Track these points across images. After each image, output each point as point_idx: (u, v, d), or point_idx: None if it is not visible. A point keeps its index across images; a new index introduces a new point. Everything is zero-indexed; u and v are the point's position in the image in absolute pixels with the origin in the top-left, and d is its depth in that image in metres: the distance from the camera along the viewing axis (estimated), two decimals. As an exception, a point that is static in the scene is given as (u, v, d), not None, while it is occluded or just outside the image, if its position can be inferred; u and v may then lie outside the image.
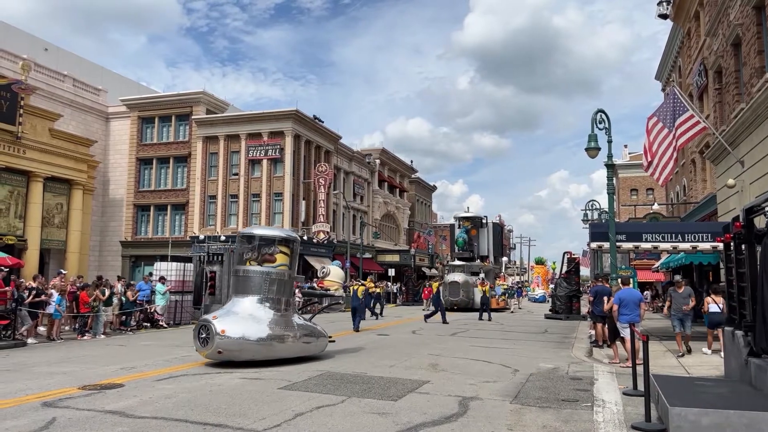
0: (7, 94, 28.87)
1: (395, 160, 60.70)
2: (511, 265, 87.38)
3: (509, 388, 8.93)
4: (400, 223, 61.96)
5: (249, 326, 10.93)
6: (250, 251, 11.80)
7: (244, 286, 11.64)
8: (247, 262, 11.76)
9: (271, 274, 11.58)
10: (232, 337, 10.64)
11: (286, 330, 11.37)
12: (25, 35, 42.12)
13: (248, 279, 11.62)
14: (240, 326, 10.85)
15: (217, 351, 10.70)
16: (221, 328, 10.66)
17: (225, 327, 10.70)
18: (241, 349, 10.75)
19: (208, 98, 42.18)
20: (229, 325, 10.76)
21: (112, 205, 42.71)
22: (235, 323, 10.87)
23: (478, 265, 36.89)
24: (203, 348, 10.88)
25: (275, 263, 11.73)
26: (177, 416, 6.84)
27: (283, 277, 11.79)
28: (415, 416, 6.97)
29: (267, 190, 39.99)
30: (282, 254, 11.87)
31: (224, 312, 11.40)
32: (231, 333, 10.66)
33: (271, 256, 11.72)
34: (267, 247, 11.74)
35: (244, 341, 10.73)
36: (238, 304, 11.45)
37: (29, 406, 7.36)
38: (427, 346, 14.88)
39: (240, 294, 11.62)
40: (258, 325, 11.02)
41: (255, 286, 11.52)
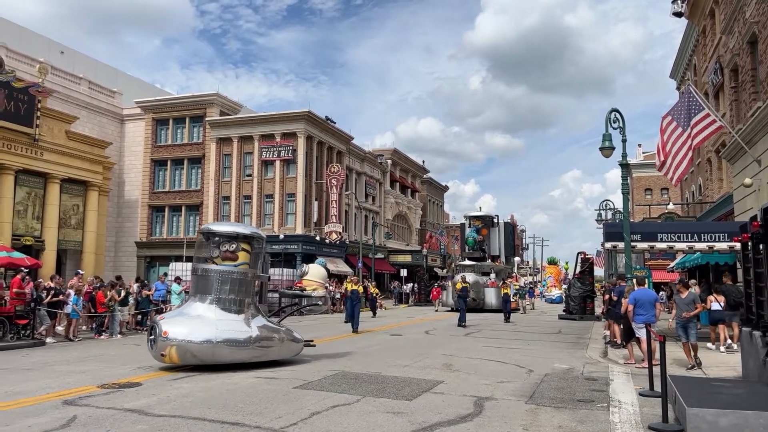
0: (24, 97, 29.27)
1: (407, 160, 60.70)
2: (524, 266, 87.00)
3: (524, 389, 8.92)
4: (412, 223, 61.94)
5: (195, 328, 10.08)
6: (211, 249, 11.06)
7: (200, 285, 10.90)
8: (210, 260, 11.00)
9: (227, 273, 10.76)
10: (175, 339, 9.89)
11: (239, 333, 10.38)
12: (42, 38, 42.69)
13: (204, 278, 10.84)
14: (185, 327, 10.05)
15: (160, 354, 10.09)
16: (165, 330, 9.95)
17: (168, 328, 9.97)
18: (185, 353, 9.98)
19: (221, 100, 42.49)
20: (174, 327, 10.04)
21: (127, 206, 43.15)
22: (180, 325, 10.13)
23: (489, 265, 36.63)
24: (151, 350, 10.33)
25: (237, 261, 10.94)
26: (194, 415, 6.92)
27: (242, 276, 10.91)
28: (430, 416, 6.99)
29: (280, 191, 40.19)
30: (244, 252, 11.04)
31: (175, 313, 10.87)
32: (174, 335, 9.92)
33: (233, 253, 10.93)
34: (228, 244, 10.92)
35: (188, 344, 9.91)
36: (191, 305, 10.82)
37: (50, 404, 7.48)
38: (441, 346, 14.88)
39: (197, 294, 10.92)
40: (206, 327, 10.14)
41: (209, 286, 10.70)
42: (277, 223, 39.95)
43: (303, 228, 39.64)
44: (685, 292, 11.46)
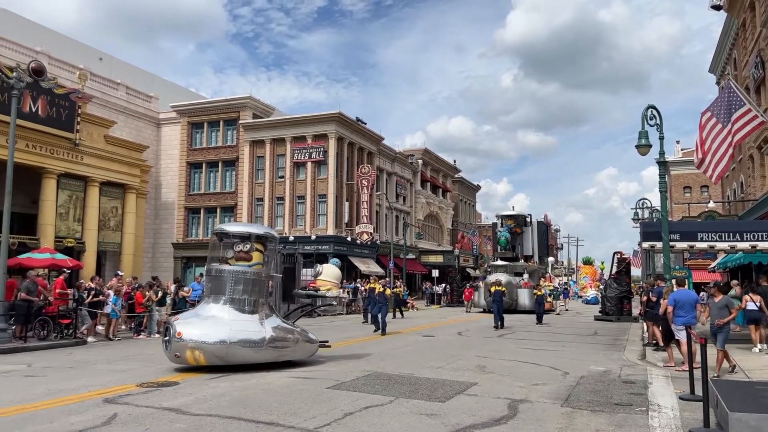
0: (65, 103, 30.16)
1: (438, 159, 60.48)
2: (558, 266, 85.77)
3: (559, 391, 8.79)
4: (443, 223, 61.69)
5: (209, 329, 10.08)
6: (224, 250, 11.12)
7: (214, 286, 10.93)
8: (224, 261, 11.06)
9: (241, 273, 10.76)
10: (188, 340, 9.92)
11: (254, 334, 10.35)
12: (81, 46, 43.96)
13: (218, 279, 10.88)
14: (199, 328, 10.07)
15: (174, 354, 10.14)
16: (178, 330, 9.99)
17: (183, 329, 10.01)
18: (198, 353, 9.98)
19: (254, 103, 43.07)
20: (188, 328, 10.07)
21: (164, 208, 44.09)
22: (194, 325, 10.16)
23: (521, 265, 36.12)
24: (166, 351, 10.38)
25: (251, 261, 10.95)
26: (230, 414, 7.03)
27: (256, 276, 10.92)
28: (464, 418, 6.95)
29: (311, 192, 40.51)
30: (258, 252, 11.08)
31: (189, 314, 10.88)
32: (188, 335, 9.95)
33: (247, 254, 10.92)
34: (242, 244, 10.95)
35: (202, 344, 9.92)
36: (205, 306, 10.83)
37: (92, 402, 7.69)
38: (474, 347, 14.78)
39: (211, 295, 10.93)
40: (219, 327, 10.13)
41: (223, 287, 10.73)
42: (309, 223, 40.28)
43: (334, 229, 39.88)
44: (719, 296, 11.14)
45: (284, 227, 40.71)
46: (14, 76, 15.90)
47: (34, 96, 28.24)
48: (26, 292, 15.05)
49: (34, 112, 28.48)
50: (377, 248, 44.73)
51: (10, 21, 37.38)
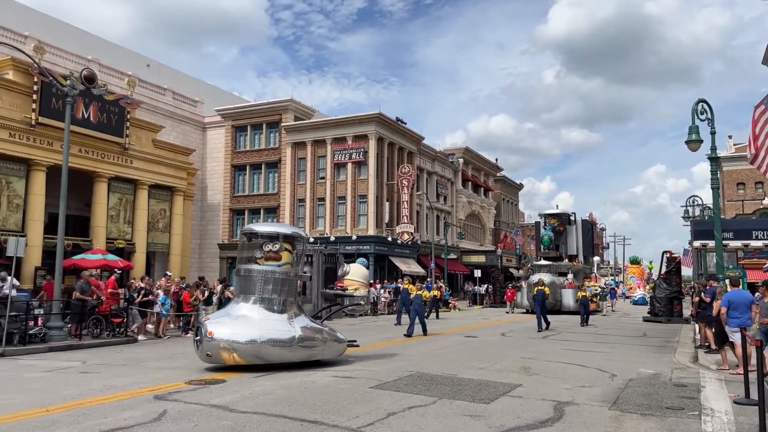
0: (115, 109, 31.22)
1: (479, 158, 59.96)
2: (605, 265, 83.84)
3: (607, 394, 8.58)
4: (485, 222, 61.12)
5: (240, 328, 10.18)
6: (253, 250, 11.23)
7: (244, 286, 11.02)
8: (254, 261, 11.16)
9: (270, 273, 10.80)
10: (219, 340, 10.02)
11: (283, 333, 10.42)
12: (130, 53, 45.41)
13: (248, 279, 10.96)
14: (230, 328, 10.19)
15: (205, 354, 10.23)
16: (209, 330, 10.10)
17: (214, 329, 10.11)
18: (229, 353, 10.07)
19: (295, 105, 43.63)
20: (218, 327, 10.17)
21: (210, 210, 45.13)
22: (225, 325, 10.27)
23: (566, 265, 35.36)
24: (197, 350, 10.47)
25: (280, 261, 11.00)
26: (275, 412, 7.13)
27: (284, 276, 10.97)
28: (508, 420, 6.86)
29: (352, 192, 40.75)
30: (287, 252, 11.16)
31: (220, 314, 10.99)
32: (219, 335, 10.05)
33: (276, 253, 10.98)
34: (271, 244, 11.02)
35: (233, 344, 10.02)
36: (235, 306, 10.94)
37: (143, 399, 7.93)
38: (518, 348, 14.59)
39: (240, 295, 11.06)
40: (250, 327, 10.22)
41: (253, 286, 10.80)
42: (350, 224, 40.54)
43: (375, 229, 40.01)
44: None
45: (325, 228, 41.10)
46: (68, 84, 16.55)
47: (86, 103, 29.33)
48: (80, 292, 15.65)
49: (86, 119, 29.58)
50: (418, 248, 44.66)
51: (63, 31, 38.93)
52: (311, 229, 41.27)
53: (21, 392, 8.41)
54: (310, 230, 41.15)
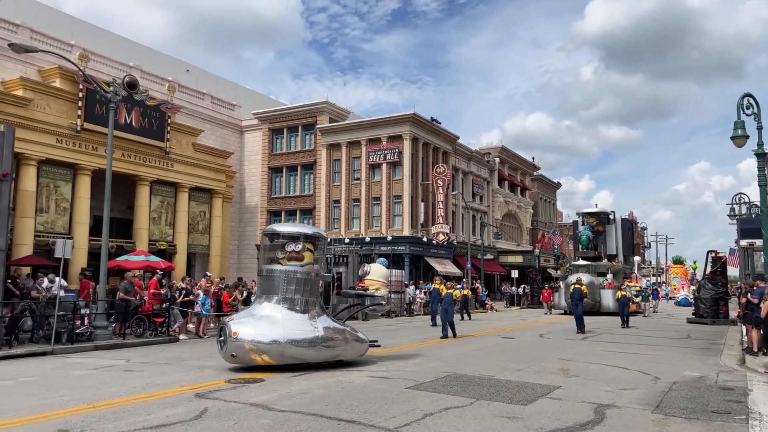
0: (156, 114, 32.05)
1: (515, 157, 59.28)
2: (646, 266, 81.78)
3: (650, 397, 8.38)
4: (522, 222, 60.39)
5: (264, 328, 10.25)
6: (275, 250, 11.23)
7: (266, 286, 11.08)
8: (276, 261, 11.17)
9: (292, 273, 10.87)
10: (244, 340, 10.10)
11: (307, 333, 10.48)
12: (170, 59, 46.52)
13: (270, 279, 11.02)
14: (254, 328, 10.26)
15: (230, 354, 10.31)
16: (234, 330, 10.17)
17: (238, 329, 10.20)
18: (254, 353, 10.14)
19: (330, 107, 43.97)
20: (243, 327, 10.25)
21: (248, 212, 45.87)
22: (249, 325, 10.34)
23: (605, 264, 34.53)
24: (221, 351, 10.56)
25: (303, 261, 11.07)
26: (313, 411, 7.20)
27: (307, 276, 11.02)
28: (547, 422, 6.77)
29: (387, 193, 40.82)
30: (309, 252, 11.19)
31: (243, 314, 11.10)
32: (243, 335, 10.12)
33: (299, 254, 11.03)
34: (293, 244, 11.06)
35: (257, 344, 10.10)
36: (258, 306, 11.04)
37: (185, 397, 8.12)
38: (557, 350, 14.37)
39: (263, 295, 11.13)
40: (274, 327, 10.29)
41: (275, 287, 10.86)
42: (385, 224, 40.61)
43: (410, 229, 39.98)
44: None
45: (360, 228, 41.28)
46: (111, 91, 17.06)
47: (129, 108, 30.18)
48: (124, 292, 16.11)
49: (128, 124, 30.44)
50: (454, 249, 44.44)
51: (107, 39, 40.15)
52: (346, 230, 41.52)
53: (70, 389, 8.71)
54: (345, 231, 41.41)
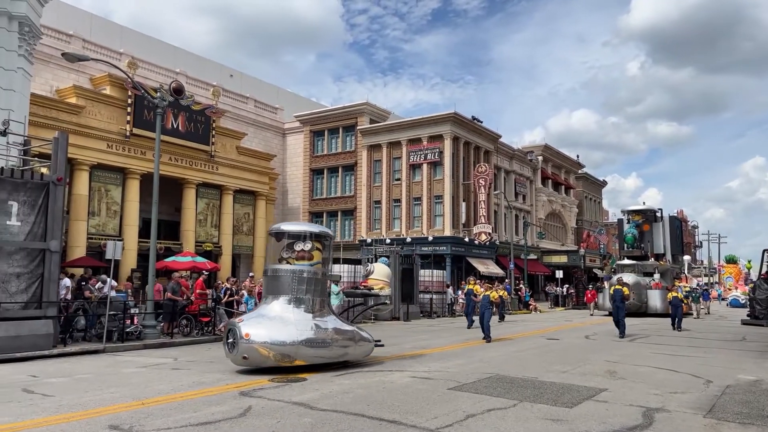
0: (202, 118, 32.86)
1: (559, 155, 58.21)
2: (698, 265, 79.03)
3: (701, 401, 8.08)
4: (566, 222, 59.24)
5: (276, 329, 10.06)
6: (284, 249, 11.10)
7: (273, 286, 10.86)
8: (284, 260, 11.08)
9: (300, 272, 10.70)
10: (256, 341, 9.88)
11: (318, 333, 10.39)
12: (214, 64, 47.59)
13: (277, 278, 10.83)
14: (266, 329, 10.03)
15: (242, 356, 10.04)
16: (245, 332, 9.91)
17: (250, 330, 9.95)
18: (267, 354, 9.94)
19: (370, 108, 44.14)
20: (254, 329, 10.01)
21: (290, 213, 46.49)
22: (260, 326, 10.10)
23: (651, 264, 33.22)
24: (230, 353, 10.26)
25: (312, 261, 10.94)
26: (354, 411, 7.23)
27: (316, 276, 10.90)
28: (592, 425, 6.61)
29: (428, 193, 40.69)
30: (317, 251, 11.09)
31: (252, 315, 10.80)
32: (256, 337, 9.90)
33: (308, 253, 10.90)
34: (302, 243, 10.93)
35: (270, 345, 9.90)
36: (266, 306, 10.75)
37: (229, 395, 8.27)
38: (603, 351, 14.03)
39: (270, 295, 10.88)
40: (286, 327, 10.14)
41: (284, 286, 10.66)
42: (426, 225, 40.49)
43: (451, 229, 39.74)
44: None
45: (401, 229, 41.27)
46: (158, 96, 17.57)
47: (175, 113, 31.02)
48: (171, 293, 16.56)
49: (175, 128, 31.29)
50: (496, 249, 43.95)
51: (153, 46, 41.38)
52: (387, 231, 41.59)
53: (120, 386, 9.00)
54: (386, 232, 41.48)
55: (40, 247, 13.04)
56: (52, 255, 13.22)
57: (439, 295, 28.80)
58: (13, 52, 18.34)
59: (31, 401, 7.84)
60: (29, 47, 19.26)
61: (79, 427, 6.38)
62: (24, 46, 18.83)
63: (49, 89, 29.40)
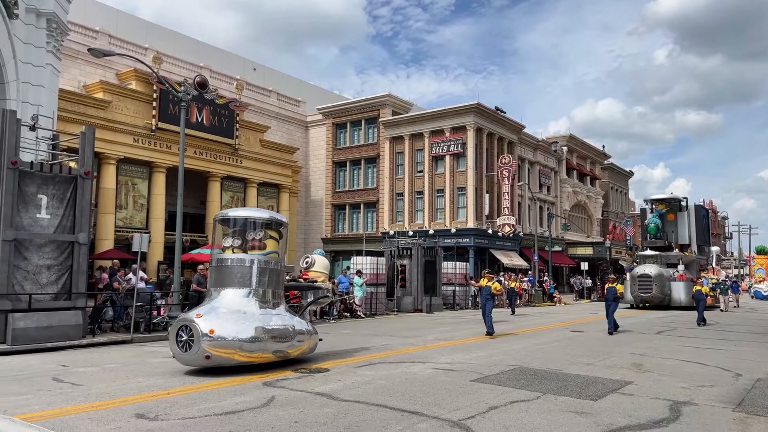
0: (225, 112, 33.15)
1: (584, 146, 57.41)
2: (727, 257, 77.44)
3: (730, 394, 7.92)
4: (592, 213, 58.46)
5: (240, 325, 9.22)
6: (231, 237, 10.10)
7: (229, 277, 9.78)
8: (229, 249, 10.03)
9: (261, 262, 9.81)
10: (223, 338, 8.94)
11: (282, 327, 9.67)
12: (238, 58, 47.94)
13: (234, 269, 9.76)
14: (232, 324, 9.15)
15: (204, 356, 8.92)
16: (209, 328, 8.92)
17: (213, 326, 8.97)
18: (234, 352, 9.07)
19: (393, 100, 44.03)
20: (218, 324, 9.05)
21: (313, 206, 46.76)
22: (225, 321, 9.16)
23: (676, 255, 32.13)
24: (184, 353, 9.07)
25: (265, 250, 10.01)
26: (376, 401, 7.24)
27: (275, 266, 10.07)
28: (618, 418, 6.52)
29: (450, 185, 40.50)
30: (272, 240, 10.17)
31: (208, 309, 9.51)
32: (222, 333, 8.95)
33: (260, 242, 9.98)
34: (254, 231, 10.03)
35: (237, 342, 9.03)
36: (222, 299, 9.62)
37: (253, 385, 8.36)
38: (629, 344, 13.84)
39: (224, 287, 9.77)
40: (250, 322, 9.30)
41: (243, 278, 9.72)
42: (449, 217, 40.33)
43: (474, 221, 39.52)
44: None
45: (424, 221, 41.18)
46: (182, 91, 17.74)
47: (200, 107, 31.36)
48: (197, 284, 16.76)
49: (200, 122, 31.63)
50: (520, 240, 43.59)
51: (177, 40, 41.82)
52: (410, 223, 41.53)
53: (147, 376, 9.16)
54: (409, 224, 41.43)
55: (69, 240, 13.31)
56: (81, 247, 13.48)
57: (462, 287, 28.70)
58: (42, 48, 18.70)
59: (61, 390, 8.02)
60: (57, 43, 19.61)
61: (107, 416, 6.51)
62: (52, 43, 19.18)
63: (76, 84, 29.93)
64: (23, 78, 17.95)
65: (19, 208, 12.70)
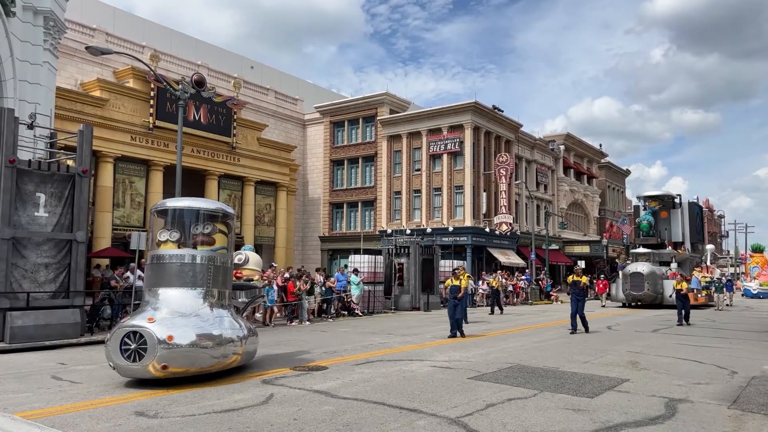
0: (223, 110, 33.12)
1: (581, 144, 57.52)
2: (724, 255, 77.70)
3: (726, 392, 7.98)
4: (589, 211, 58.60)
5: (201, 328, 8.25)
6: (170, 231, 8.92)
7: (178, 276, 8.63)
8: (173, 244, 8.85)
9: (213, 259, 8.83)
10: (182, 345, 7.91)
11: (237, 331, 8.79)
12: (235, 56, 47.90)
13: (185, 266, 8.64)
14: (192, 329, 8.13)
15: (161, 365, 7.81)
16: (167, 334, 7.86)
17: (172, 332, 7.91)
18: (195, 360, 8.08)
19: (390, 99, 44.05)
20: (176, 330, 7.99)
21: (311, 204, 46.78)
22: (180, 326, 8.09)
23: (669, 253, 31.85)
24: (131, 363, 7.86)
25: (214, 246, 9.02)
26: (374, 399, 7.29)
27: (226, 264, 9.14)
28: (614, 415, 6.58)
29: (448, 183, 40.56)
30: (221, 234, 9.19)
31: (157, 312, 8.33)
32: (181, 339, 7.93)
33: (208, 236, 8.98)
34: (201, 225, 8.98)
35: (198, 350, 8.07)
36: (171, 302, 8.49)
37: (252, 383, 8.39)
38: (625, 342, 13.91)
39: (170, 287, 8.62)
40: (209, 326, 8.37)
41: (195, 277, 8.65)
42: (446, 215, 40.40)
43: (472, 220, 39.59)
44: None
45: (422, 219, 41.24)
46: (180, 89, 17.76)
47: (197, 105, 31.31)
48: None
49: (197, 120, 31.60)
50: (517, 239, 43.70)
51: (175, 38, 41.77)
52: (407, 221, 41.59)
53: (146, 373, 9.18)
54: (407, 222, 41.48)
55: (67, 238, 13.32)
56: (79, 245, 13.50)
57: (459, 286, 28.71)
58: (39, 46, 18.68)
59: (60, 388, 8.05)
60: (54, 41, 19.58)
61: (106, 413, 6.54)
62: (49, 41, 19.15)
63: (74, 83, 29.88)
64: (20, 76, 17.93)
65: (17, 206, 12.71)
